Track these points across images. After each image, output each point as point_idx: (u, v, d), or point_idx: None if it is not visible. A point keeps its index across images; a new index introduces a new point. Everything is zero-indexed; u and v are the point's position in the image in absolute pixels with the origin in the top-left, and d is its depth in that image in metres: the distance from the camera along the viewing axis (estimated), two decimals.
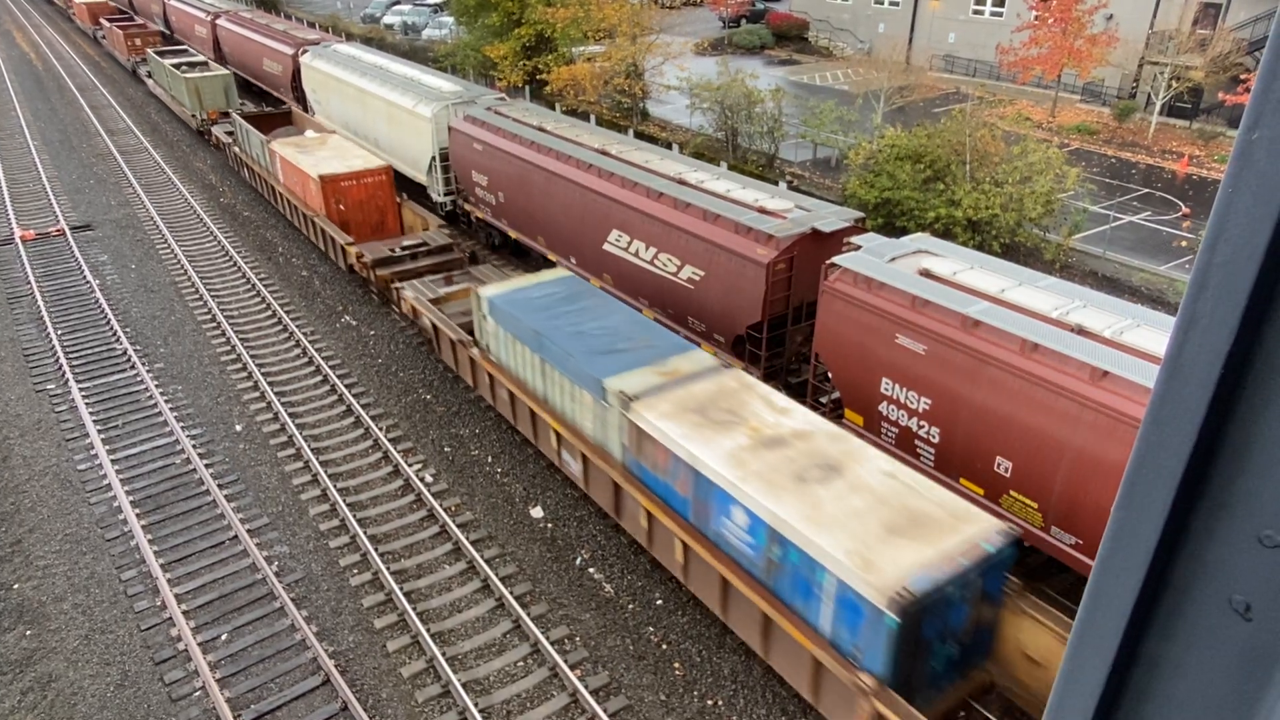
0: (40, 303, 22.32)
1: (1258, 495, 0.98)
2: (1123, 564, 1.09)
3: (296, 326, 21.15)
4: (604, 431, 12.97)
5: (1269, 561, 0.98)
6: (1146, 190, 28.63)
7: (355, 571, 13.73)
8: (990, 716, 10.66)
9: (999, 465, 12.18)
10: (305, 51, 34.48)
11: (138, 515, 14.82)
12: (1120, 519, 1.09)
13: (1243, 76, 30.95)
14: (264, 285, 23.38)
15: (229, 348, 20.39)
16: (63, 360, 19.58)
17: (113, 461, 16.18)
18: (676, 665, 12.10)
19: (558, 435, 14.05)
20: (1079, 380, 10.98)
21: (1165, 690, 1.10)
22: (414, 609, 12.82)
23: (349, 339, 20.92)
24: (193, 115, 35.87)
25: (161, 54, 42.23)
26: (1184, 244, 24.55)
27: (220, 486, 15.55)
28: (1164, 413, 1.02)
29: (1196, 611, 1.05)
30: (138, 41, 50.41)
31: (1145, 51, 34.72)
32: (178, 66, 38.54)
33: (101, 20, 58.57)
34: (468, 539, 14.22)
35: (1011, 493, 12.16)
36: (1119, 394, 10.61)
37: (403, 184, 28.68)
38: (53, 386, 18.82)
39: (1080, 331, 11.62)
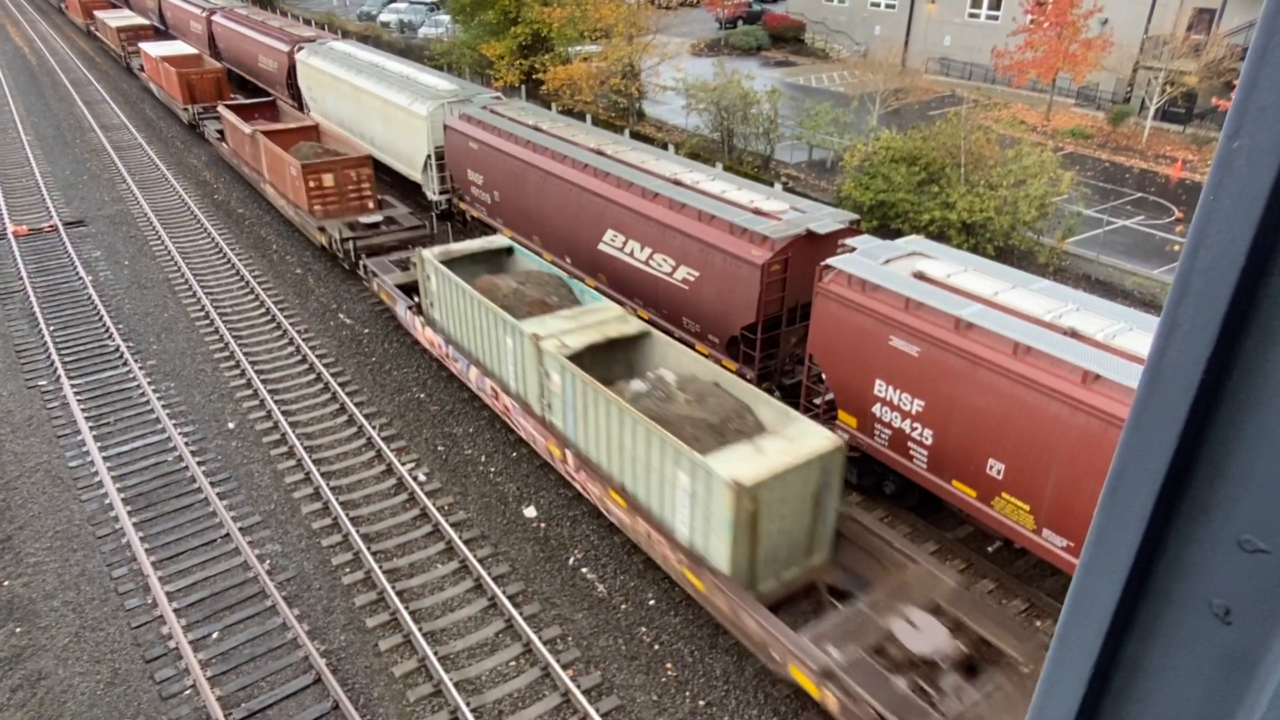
0: (32, 298, 22.23)
1: (1237, 500, 0.99)
2: (1104, 567, 1.10)
3: (290, 324, 21.10)
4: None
5: (1248, 565, 0.99)
6: (1140, 194, 28.74)
7: (347, 570, 13.71)
8: None
9: (991, 467, 12.22)
10: (301, 48, 34.41)
11: (129, 512, 14.77)
12: (1102, 522, 1.10)
13: (1236, 82, 31.07)
14: (258, 282, 23.32)
15: (222, 345, 20.34)
16: (55, 356, 19.50)
17: (104, 458, 16.12)
18: (669, 665, 12.11)
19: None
20: (1071, 383, 11.03)
21: (1146, 693, 1.11)
22: (406, 608, 12.81)
23: (343, 337, 20.88)
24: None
25: (458, 265, 17.08)
26: (1176, 248, 24.64)
27: (212, 484, 15.50)
28: (1146, 417, 1.03)
29: (1177, 615, 1.06)
30: (317, 181, 23.33)
31: (1140, 56, 34.85)
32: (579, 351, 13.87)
33: (226, 113, 29.72)
34: (460, 538, 14.21)
35: (1004, 494, 12.20)
36: (1111, 397, 10.65)
37: (398, 182, 28.66)
38: (44, 383, 18.75)
39: (1073, 335, 11.67)
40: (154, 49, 40.43)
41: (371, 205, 24.45)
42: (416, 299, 19.24)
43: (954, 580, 11.50)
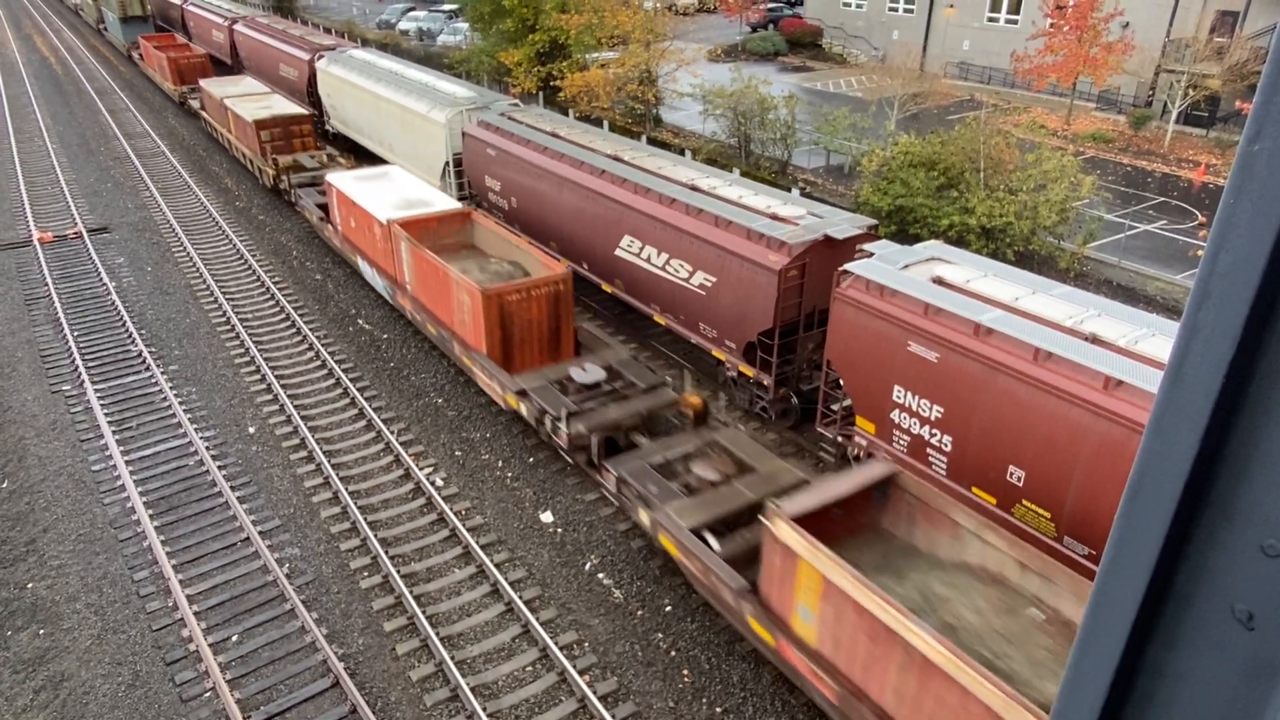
0: (57, 304, 22.53)
1: (1260, 504, 0.98)
2: (1126, 572, 1.09)
3: (310, 330, 21.27)
4: None
5: (1272, 571, 0.98)
6: (1162, 199, 28.47)
7: (365, 574, 13.77)
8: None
9: (1011, 474, 12.12)
10: (321, 57, 34.76)
11: (151, 516, 14.92)
12: (1124, 527, 1.09)
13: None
14: (278, 289, 23.52)
15: (243, 350, 20.52)
16: (79, 361, 19.75)
17: (126, 462, 16.30)
18: (685, 672, 12.08)
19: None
20: (1092, 389, 10.93)
21: (1168, 698, 1.10)
22: (423, 612, 12.85)
23: (362, 342, 21.02)
24: None
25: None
26: (1200, 253, 24.32)
27: (233, 488, 15.63)
28: (1167, 421, 1.02)
29: (1199, 620, 1.05)
30: None
31: (1161, 59, 34.54)
32: None
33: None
34: (478, 543, 14.25)
35: (1024, 502, 12.09)
36: (1133, 403, 10.54)
37: None
38: (68, 387, 18.99)
39: (1094, 340, 11.56)
40: (360, 188, 21.88)
41: None
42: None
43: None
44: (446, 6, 60.45)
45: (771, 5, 57.09)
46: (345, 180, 22.86)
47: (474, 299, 16.42)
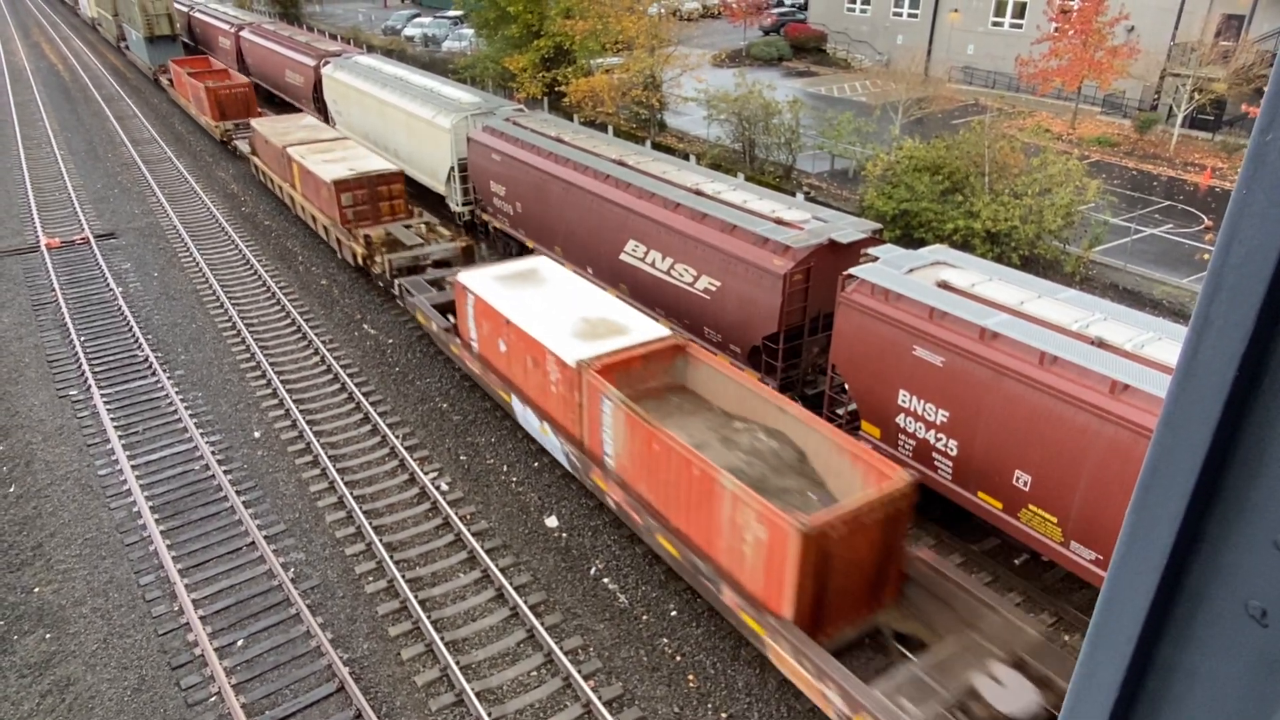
0: (64, 309, 22.61)
1: (1274, 499, 0.97)
2: (1137, 569, 1.08)
3: (315, 335, 21.31)
4: None
5: None
6: (1168, 203, 28.39)
7: (370, 579, 13.78)
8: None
9: (1018, 479, 12.08)
10: (327, 63, 34.89)
11: (156, 520, 14.94)
12: (1134, 523, 1.08)
13: (1265, 88, 30.63)
14: (284, 294, 23.58)
15: (248, 355, 20.57)
16: (85, 366, 19.81)
17: (133, 467, 16.33)
18: (691, 677, 12.05)
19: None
20: (1099, 393, 10.89)
21: (1180, 697, 1.09)
22: (428, 617, 12.84)
23: (367, 347, 21.05)
24: None
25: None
26: (1206, 257, 24.30)
27: (238, 493, 15.65)
28: (1178, 416, 1.01)
29: (1212, 617, 1.04)
30: None
31: (1167, 63, 34.47)
32: None
33: None
34: (483, 547, 14.24)
35: (1030, 506, 12.05)
36: (1139, 407, 10.50)
37: (421, 194, 28.91)
38: (75, 392, 19.04)
39: (1100, 344, 11.53)
40: (510, 297, 16.12)
41: None
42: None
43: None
44: (452, 12, 60.65)
45: (782, 10, 57.15)
46: (485, 284, 16.52)
47: (778, 533, 9.97)
